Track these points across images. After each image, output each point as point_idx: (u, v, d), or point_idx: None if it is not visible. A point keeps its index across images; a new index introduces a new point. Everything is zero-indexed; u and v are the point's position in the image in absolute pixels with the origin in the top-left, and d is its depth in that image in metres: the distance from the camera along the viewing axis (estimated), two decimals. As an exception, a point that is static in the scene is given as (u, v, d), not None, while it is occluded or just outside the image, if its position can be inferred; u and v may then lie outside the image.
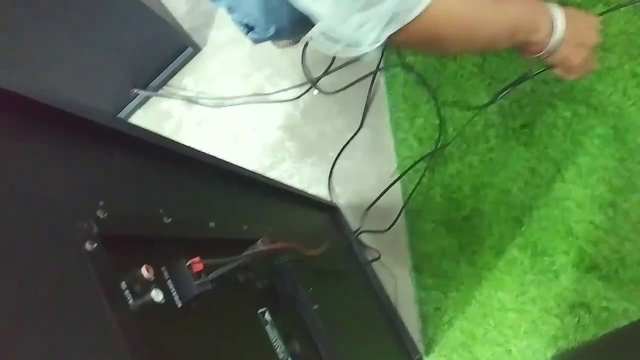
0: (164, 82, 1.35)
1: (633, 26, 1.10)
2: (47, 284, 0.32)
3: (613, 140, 1.08)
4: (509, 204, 1.10)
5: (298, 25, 0.81)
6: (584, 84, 1.11)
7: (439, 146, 1.14)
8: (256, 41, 0.84)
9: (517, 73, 1.14)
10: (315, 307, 0.65)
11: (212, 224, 0.52)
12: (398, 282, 1.13)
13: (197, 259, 0.44)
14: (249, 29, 0.83)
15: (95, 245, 0.35)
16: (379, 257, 1.13)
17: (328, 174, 1.21)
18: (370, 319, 0.98)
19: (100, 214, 0.37)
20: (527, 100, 1.13)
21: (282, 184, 0.82)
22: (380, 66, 1.20)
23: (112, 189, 0.41)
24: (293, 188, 0.88)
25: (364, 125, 1.21)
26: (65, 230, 0.35)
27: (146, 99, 1.35)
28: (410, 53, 1.19)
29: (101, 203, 0.38)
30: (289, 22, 0.79)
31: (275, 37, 0.83)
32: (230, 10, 0.81)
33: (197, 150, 0.54)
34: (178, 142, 0.51)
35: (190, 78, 1.34)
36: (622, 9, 1.10)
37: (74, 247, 0.35)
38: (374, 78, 1.20)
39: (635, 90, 1.08)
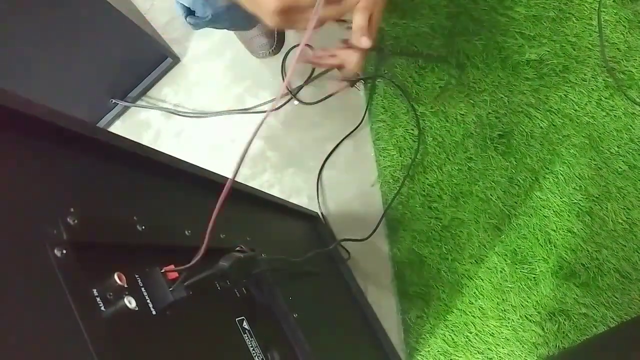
0: (143, 93, 1.34)
1: (604, 39, 1.13)
2: (15, 291, 0.31)
3: (588, 149, 1.10)
4: (488, 212, 1.12)
5: (235, 11, 0.80)
6: (559, 94, 1.13)
7: (418, 156, 1.15)
8: (195, 26, 0.84)
9: (494, 84, 1.16)
10: (295, 315, 0.65)
11: (188, 232, 0.52)
12: (379, 291, 1.13)
13: (171, 266, 0.43)
14: (189, 12, 0.83)
15: (65, 251, 0.34)
16: (347, 257, 1.13)
17: (308, 184, 1.20)
18: (352, 328, 0.97)
19: (70, 220, 0.37)
20: (504, 110, 1.14)
21: (261, 192, 0.81)
22: (360, 77, 1.21)
23: (84, 195, 0.40)
24: (273, 197, 0.87)
25: (347, 138, 1.21)
26: (33, 237, 0.34)
27: (125, 109, 1.34)
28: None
29: (72, 209, 0.37)
30: (226, 6, 0.79)
31: (213, 21, 0.83)
32: None
33: (173, 157, 0.54)
34: (153, 149, 0.50)
35: (170, 89, 1.34)
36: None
37: (42, 253, 0.34)
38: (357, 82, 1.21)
39: (608, 101, 1.11)
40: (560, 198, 1.09)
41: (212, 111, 1.29)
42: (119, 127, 1.34)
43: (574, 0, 1.16)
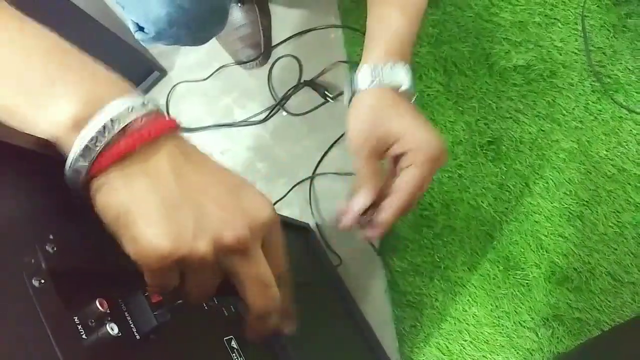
0: (131, 107, 1.33)
1: (590, 44, 1.13)
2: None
3: (578, 153, 1.11)
4: (479, 219, 1.11)
5: (178, 28, 0.81)
6: (547, 100, 1.13)
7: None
8: (143, 42, 0.84)
9: (482, 91, 1.16)
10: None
11: (173, 252, 0.51)
12: (373, 300, 1.12)
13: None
14: (138, 28, 0.82)
15: (43, 281, 0.34)
16: (339, 263, 1.12)
17: (300, 194, 1.20)
18: (345, 339, 0.97)
19: (49, 248, 0.36)
20: (492, 116, 1.15)
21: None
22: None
23: (63, 221, 0.40)
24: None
25: (334, 146, 1.21)
26: (10, 267, 0.33)
27: (113, 123, 1.33)
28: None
29: (51, 236, 0.37)
30: (168, 24, 0.79)
31: (157, 39, 0.83)
32: (120, 5, 0.81)
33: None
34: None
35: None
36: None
37: (20, 284, 0.33)
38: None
39: (596, 105, 1.11)
40: (551, 203, 1.09)
41: (200, 121, 1.28)
42: (107, 142, 1.33)
43: (558, 5, 1.16)
